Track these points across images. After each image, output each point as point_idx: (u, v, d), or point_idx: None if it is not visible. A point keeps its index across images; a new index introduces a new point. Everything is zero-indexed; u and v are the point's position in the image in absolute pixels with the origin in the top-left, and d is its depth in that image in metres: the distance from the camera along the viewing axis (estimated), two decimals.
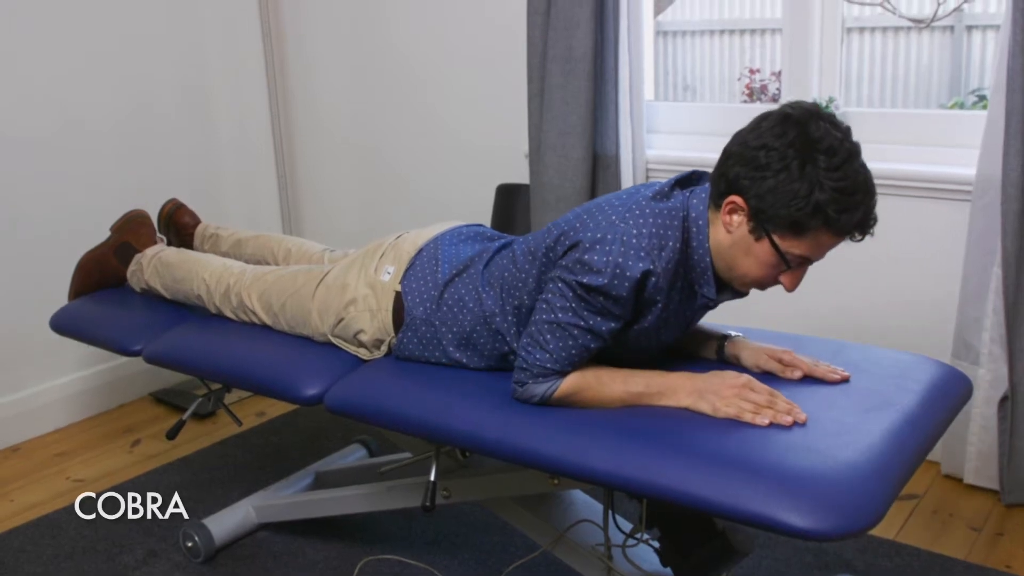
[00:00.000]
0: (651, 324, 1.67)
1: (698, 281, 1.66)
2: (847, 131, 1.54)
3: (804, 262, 1.59)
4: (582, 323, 1.63)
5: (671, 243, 1.61)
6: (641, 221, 1.60)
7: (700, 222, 1.63)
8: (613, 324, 1.64)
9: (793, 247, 1.55)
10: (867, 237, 1.56)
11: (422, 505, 1.90)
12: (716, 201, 1.61)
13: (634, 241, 1.58)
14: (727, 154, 1.59)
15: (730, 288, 1.70)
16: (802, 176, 1.49)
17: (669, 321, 1.70)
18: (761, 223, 1.55)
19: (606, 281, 1.58)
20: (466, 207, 3.38)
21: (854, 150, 1.53)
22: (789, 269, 1.59)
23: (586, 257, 1.59)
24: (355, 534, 2.44)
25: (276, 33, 3.64)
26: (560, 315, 1.64)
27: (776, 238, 1.55)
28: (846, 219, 1.51)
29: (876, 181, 2.67)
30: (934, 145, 2.59)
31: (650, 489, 1.47)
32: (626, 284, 1.58)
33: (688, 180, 1.73)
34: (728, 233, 1.60)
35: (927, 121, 2.63)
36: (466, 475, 2.02)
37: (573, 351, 1.65)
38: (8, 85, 2.97)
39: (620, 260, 1.57)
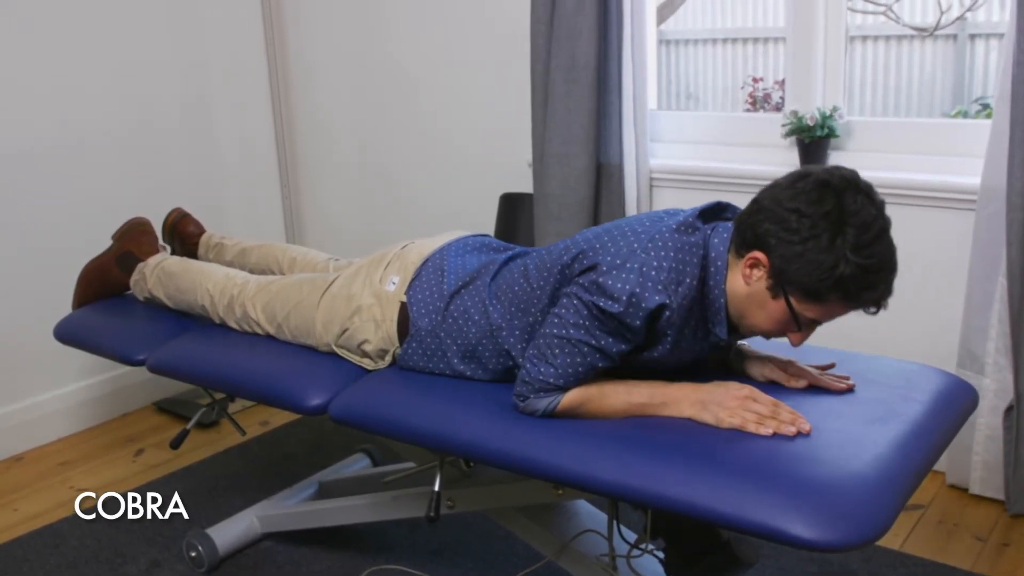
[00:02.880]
0: (660, 355, 1.67)
1: (712, 320, 1.66)
2: (881, 205, 1.53)
3: (814, 323, 1.60)
4: (593, 341, 1.62)
5: (688, 279, 1.59)
6: (663, 253, 1.58)
7: (719, 263, 1.62)
8: (624, 347, 1.63)
9: (807, 311, 1.55)
10: (880, 311, 1.57)
11: (426, 515, 1.89)
12: (739, 250, 1.60)
13: (653, 273, 1.57)
14: (759, 207, 1.57)
15: (740, 331, 1.70)
16: (830, 248, 1.48)
17: (680, 355, 1.70)
18: (781, 284, 1.54)
19: (621, 309, 1.57)
20: (470, 216, 3.38)
21: (886, 226, 1.52)
22: (799, 330, 1.60)
23: (602, 280, 1.59)
24: (359, 544, 2.44)
25: (279, 44, 3.65)
26: (572, 331, 1.63)
27: (793, 300, 1.55)
28: (865, 296, 1.52)
29: (880, 190, 2.68)
30: (938, 154, 2.59)
31: (655, 499, 1.47)
32: (640, 314, 1.57)
33: (712, 212, 1.72)
34: (746, 284, 1.59)
35: (931, 130, 2.63)
36: (470, 485, 2.02)
37: (580, 368, 1.65)
38: (12, 99, 2.97)
39: (637, 290, 1.56)
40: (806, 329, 1.60)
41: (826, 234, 1.48)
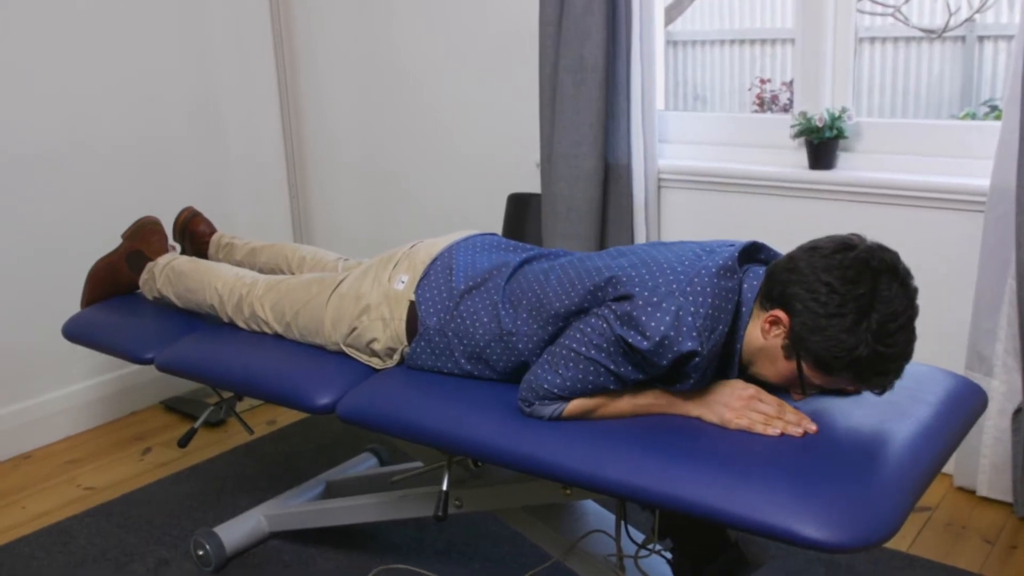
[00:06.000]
0: (678, 393, 1.66)
1: (727, 360, 1.66)
2: (914, 294, 1.52)
3: (817, 388, 1.60)
4: (612, 367, 1.62)
5: (721, 327, 1.58)
6: (700, 299, 1.56)
7: (744, 309, 1.62)
8: (642, 376, 1.63)
9: (815, 377, 1.56)
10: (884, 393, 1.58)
11: (434, 515, 1.89)
12: (764, 302, 1.60)
13: (689, 319, 1.55)
14: (794, 266, 1.55)
15: (747, 372, 1.70)
16: (853, 330, 1.48)
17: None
18: (796, 348, 1.54)
19: (651, 348, 1.56)
20: (478, 217, 3.39)
21: (912, 315, 1.51)
22: (803, 391, 1.60)
23: (636, 315, 1.57)
24: (366, 543, 2.44)
25: (288, 47, 3.65)
26: (592, 352, 1.62)
27: (804, 366, 1.55)
28: (875, 380, 1.53)
29: (889, 192, 2.68)
30: (948, 156, 2.58)
31: (663, 499, 1.47)
32: (669, 356, 1.56)
33: (748, 252, 1.71)
34: (762, 337, 1.59)
35: (941, 131, 2.62)
36: (478, 485, 2.02)
37: (589, 386, 1.64)
38: (23, 102, 2.98)
39: (671, 334, 1.55)
40: (809, 392, 1.61)
41: (852, 315, 1.48)
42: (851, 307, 1.48)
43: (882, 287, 1.49)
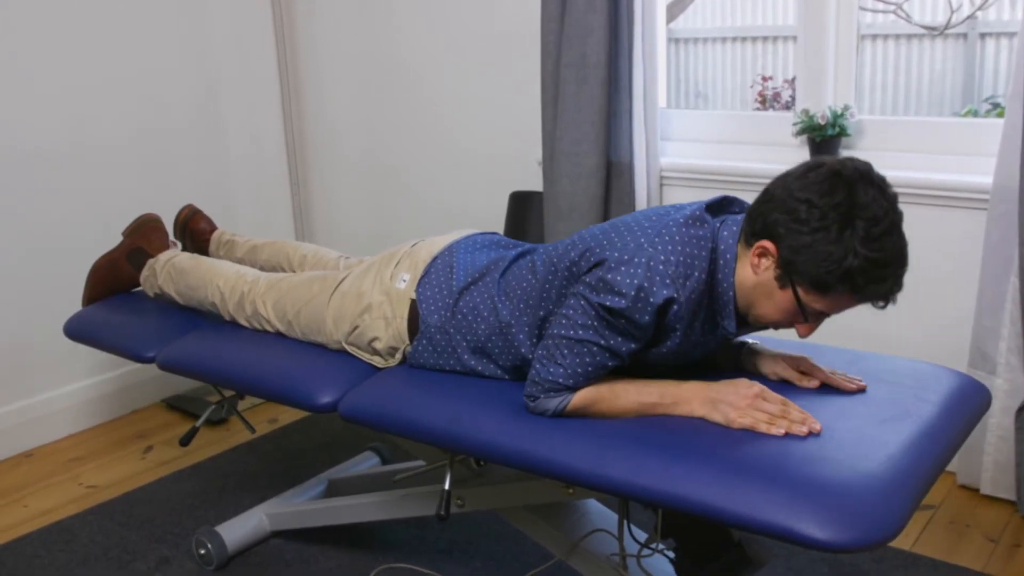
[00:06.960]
0: (669, 350, 1.66)
1: (720, 313, 1.65)
2: (894, 198, 1.51)
3: (821, 315, 1.58)
4: (602, 341, 1.62)
5: (697, 273, 1.58)
6: (670, 248, 1.58)
7: (728, 255, 1.62)
8: (633, 345, 1.63)
9: (814, 302, 1.55)
10: (888, 305, 1.56)
11: (436, 514, 1.89)
12: (748, 240, 1.59)
13: (660, 267, 1.56)
14: (769, 196, 1.56)
15: (749, 323, 1.69)
16: (839, 240, 1.47)
17: (689, 349, 1.69)
18: (788, 274, 1.53)
19: (628, 304, 1.56)
20: (479, 215, 3.38)
21: (897, 220, 1.51)
22: (806, 320, 1.59)
23: (609, 276, 1.58)
24: (368, 542, 2.44)
25: (290, 44, 3.65)
26: (580, 332, 1.63)
27: (800, 291, 1.54)
28: (873, 289, 1.51)
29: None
30: (951, 153, 2.58)
31: (666, 499, 1.46)
32: (648, 309, 1.56)
33: (719, 206, 1.71)
34: (754, 274, 1.59)
35: (943, 129, 2.62)
36: (480, 484, 2.02)
37: (589, 368, 1.64)
38: (24, 99, 2.98)
39: (645, 284, 1.56)
40: (813, 321, 1.59)
41: (835, 226, 1.48)
42: (832, 217, 1.47)
43: (859, 193, 1.48)
